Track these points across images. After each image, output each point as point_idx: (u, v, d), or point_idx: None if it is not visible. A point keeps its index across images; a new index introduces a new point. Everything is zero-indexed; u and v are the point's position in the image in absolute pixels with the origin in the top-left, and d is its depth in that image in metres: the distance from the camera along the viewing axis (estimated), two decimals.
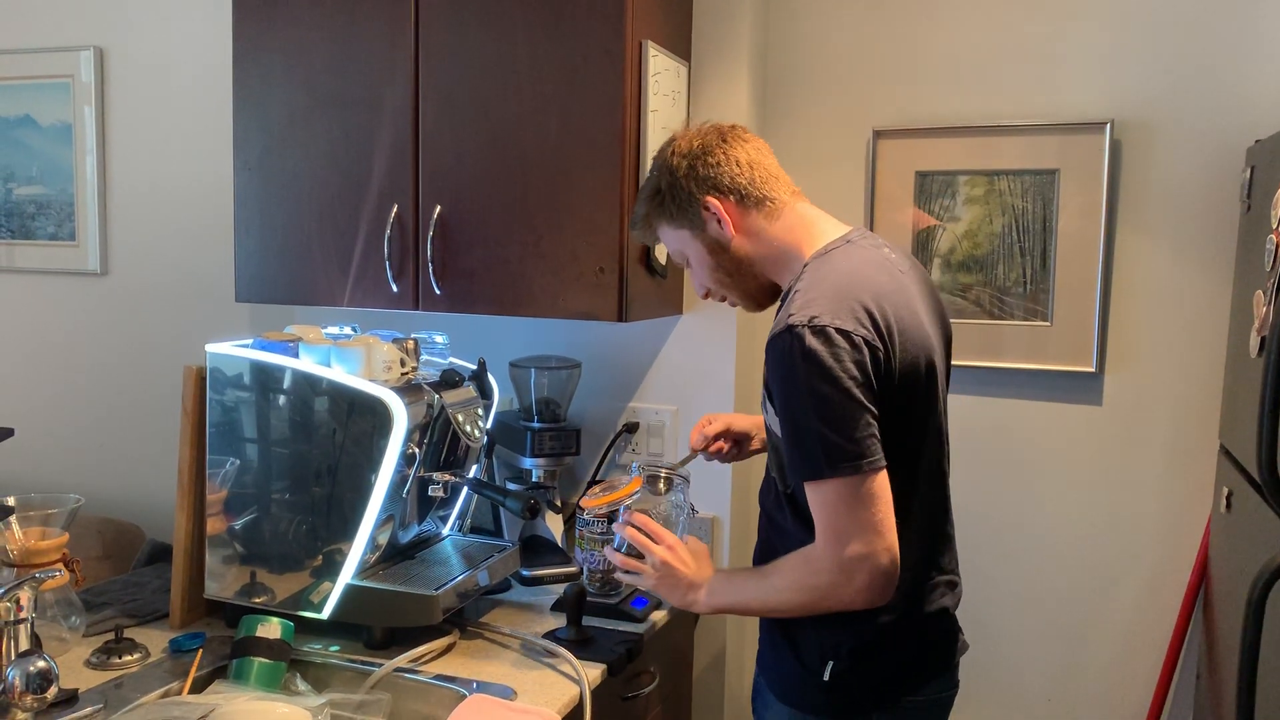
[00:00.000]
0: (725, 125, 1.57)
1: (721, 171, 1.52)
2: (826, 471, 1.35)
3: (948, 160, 2.23)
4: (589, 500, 1.70)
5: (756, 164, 1.53)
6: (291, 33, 2.15)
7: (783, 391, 1.39)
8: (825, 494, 1.36)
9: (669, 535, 1.59)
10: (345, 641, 1.81)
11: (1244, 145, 2.01)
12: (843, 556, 1.36)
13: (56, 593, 1.72)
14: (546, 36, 1.97)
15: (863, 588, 1.36)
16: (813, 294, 1.40)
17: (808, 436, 1.35)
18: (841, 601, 1.39)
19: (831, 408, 1.33)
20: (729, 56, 2.23)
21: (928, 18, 2.24)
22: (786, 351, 1.36)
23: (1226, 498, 1.85)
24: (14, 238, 2.94)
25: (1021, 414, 2.24)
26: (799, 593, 1.42)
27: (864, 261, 1.48)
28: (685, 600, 1.56)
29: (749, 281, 1.58)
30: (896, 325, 1.41)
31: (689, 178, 1.53)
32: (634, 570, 1.60)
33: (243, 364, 1.83)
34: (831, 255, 1.48)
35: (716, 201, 1.52)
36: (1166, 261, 2.12)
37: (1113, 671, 2.21)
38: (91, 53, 2.79)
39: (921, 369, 1.44)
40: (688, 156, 1.53)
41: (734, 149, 1.53)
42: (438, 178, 2.07)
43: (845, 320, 1.35)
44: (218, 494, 1.86)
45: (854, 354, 1.34)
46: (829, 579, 1.38)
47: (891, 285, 1.45)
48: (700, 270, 1.59)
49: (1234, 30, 2.04)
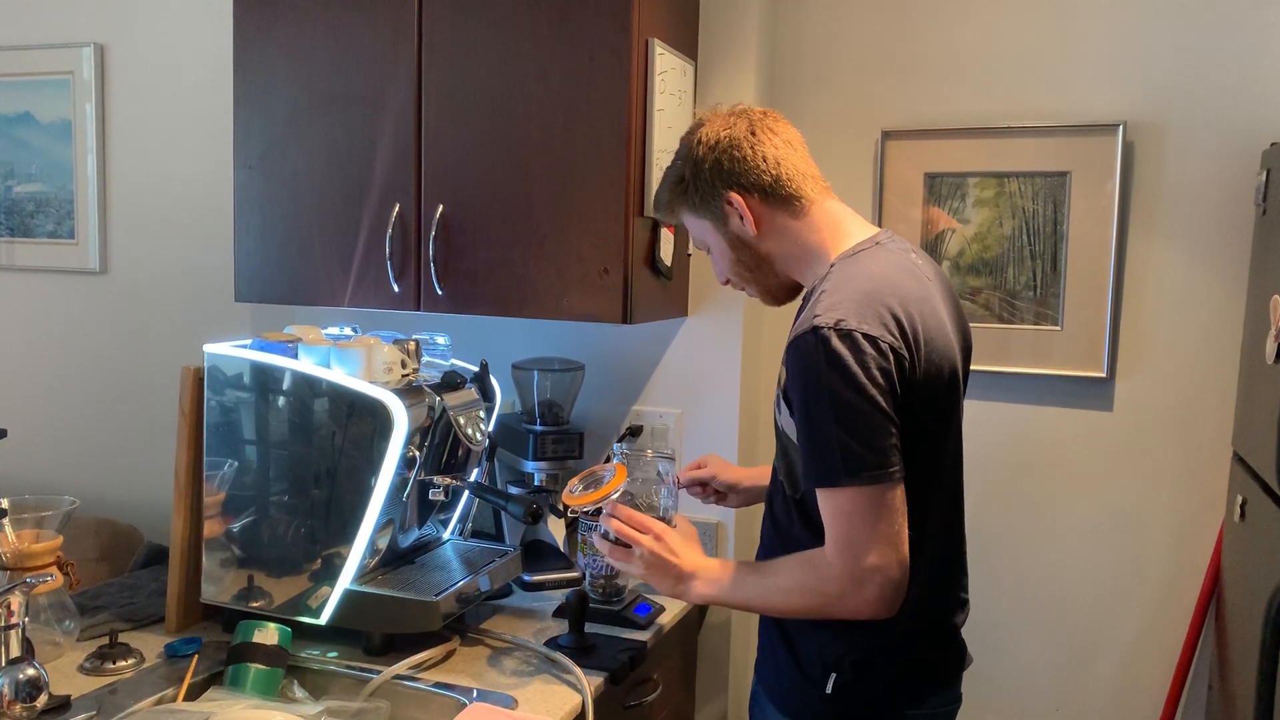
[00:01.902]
0: (756, 113, 1.51)
1: (747, 168, 1.46)
2: (845, 479, 1.32)
3: (957, 162, 2.20)
4: (572, 498, 1.63)
5: (784, 160, 1.47)
6: (293, 30, 2.13)
7: (803, 395, 1.35)
8: (841, 502, 1.34)
9: (655, 524, 1.55)
10: (343, 648, 1.78)
11: (1259, 147, 1.98)
12: (855, 567, 1.33)
13: (50, 596, 1.70)
14: (551, 34, 1.94)
15: (872, 599, 1.34)
16: (839, 296, 1.36)
17: (827, 443, 1.32)
18: (847, 610, 1.36)
19: (853, 414, 1.30)
20: (736, 56, 2.20)
21: (937, 18, 2.22)
22: (810, 354, 1.32)
23: (1240, 506, 1.82)
24: (13, 235, 2.92)
25: (1031, 419, 2.21)
26: (802, 596, 1.40)
27: (892, 266, 1.43)
28: (675, 590, 1.53)
29: (770, 278, 1.54)
30: (923, 333, 1.37)
31: (714, 171, 1.48)
32: (622, 561, 1.56)
33: (241, 365, 1.80)
34: (859, 257, 1.44)
35: (739, 198, 1.47)
36: (1179, 265, 2.09)
37: (1122, 681, 2.18)
38: (92, 49, 2.77)
39: (945, 379, 1.41)
40: (714, 149, 1.48)
41: (762, 143, 1.47)
42: (440, 177, 2.04)
43: (872, 325, 1.32)
44: (215, 496, 1.83)
45: (879, 360, 1.31)
46: (838, 587, 1.35)
47: (919, 292, 1.42)
48: (721, 261, 1.56)
49: (1248, 31, 2.01)
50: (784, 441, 1.49)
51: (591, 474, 1.65)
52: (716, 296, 2.24)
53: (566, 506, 1.63)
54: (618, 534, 1.55)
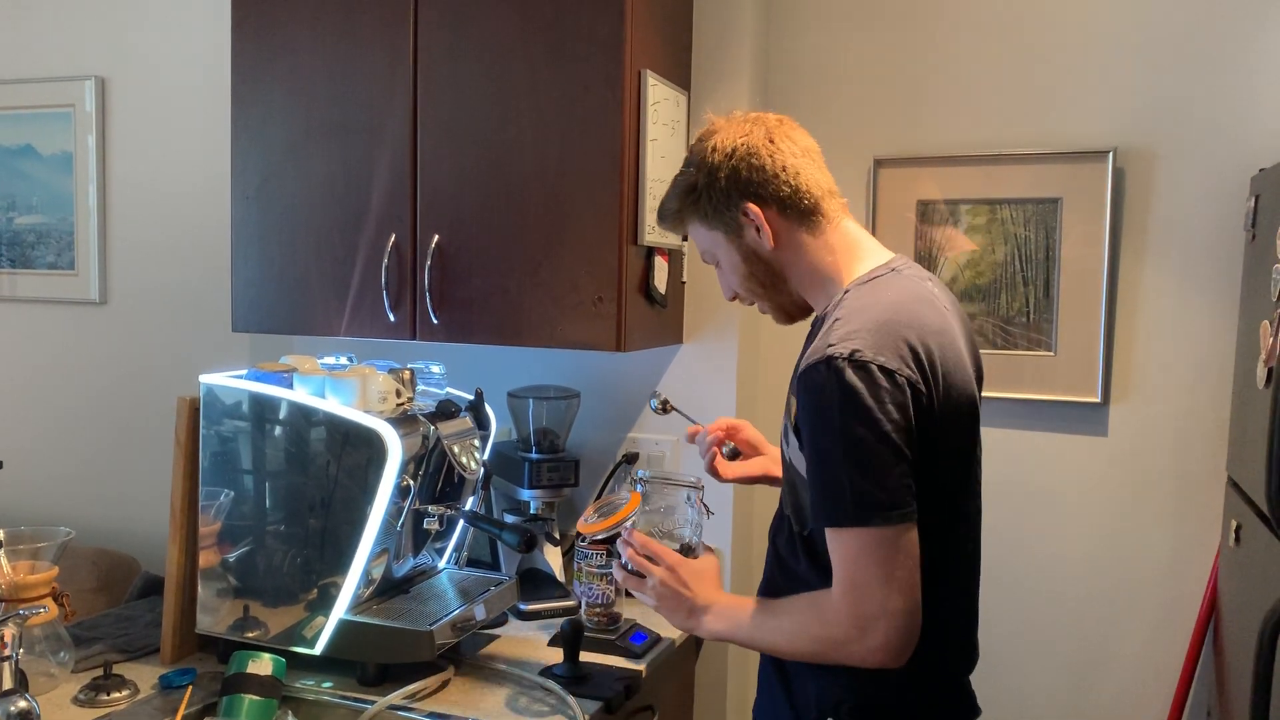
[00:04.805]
0: (772, 119, 1.44)
1: (766, 176, 1.39)
2: (854, 519, 1.24)
3: (949, 189, 2.22)
4: (586, 525, 1.62)
5: (804, 171, 1.40)
6: (291, 62, 2.15)
7: (813, 428, 1.28)
8: (849, 543, 1.26)
9: (671, 555, 1.49)
10: (338, 678, 1.77)
11: (1248, 174, 2.00)
12: (861, 612, 1.25)
13: (45, 628, 1.69)
14: (545, 65, 1.97)
15: (877, 647, 1.25)
16: (855, 325, 1.28)
17: (836, 480, 1.25)
18: (852, 658, 1.28)
19: (865, 451, 1.23)
20: (728, 86, 2.22)
21: (928, 47, 2.24)
22: (823, 385, 1.25)
23: (1235, 530, 1.82)
24: (14, 267, 2.94)
25: (1026, 445, 2.21)
26: (806, 641, 1.33)
27: (910, 295, 1.36)
28: (685, 624, 1.47)
29: (783, 295, 1.46)
30: (941, 366, 1.30)
31: (730, 180, 1.40)
32: (636, 589, 1.52)
33: (237, 394, 1.81)
34: (875, 284, 1.37)
35: (757, 209, 1.39)
36: (1171, 291, 2.10)
37: (1122, 706, 2.17)
38: (93, 82, 2.80)
39: (964, 413, 1.35)
40: (730, 156, 1.39)
41: (782, 152, 1.40)
42: (436, 207, 2.06)
43: (889, 357, 1.25)
44: (210, 526, 1.83)
45: (895, 394, 1.23)
46: (842, 633, 1.27)
47: (938, 323, 1.34)
48: (731, 275, 1.48)
49: (1237, 58, 2.03)
50: (791, 475, 1.42)
51: (607, 502, 1.64)
52: (711, 324, 2.25)
53: (580, 534, 1.61)
54: (631, 561, 1.51)
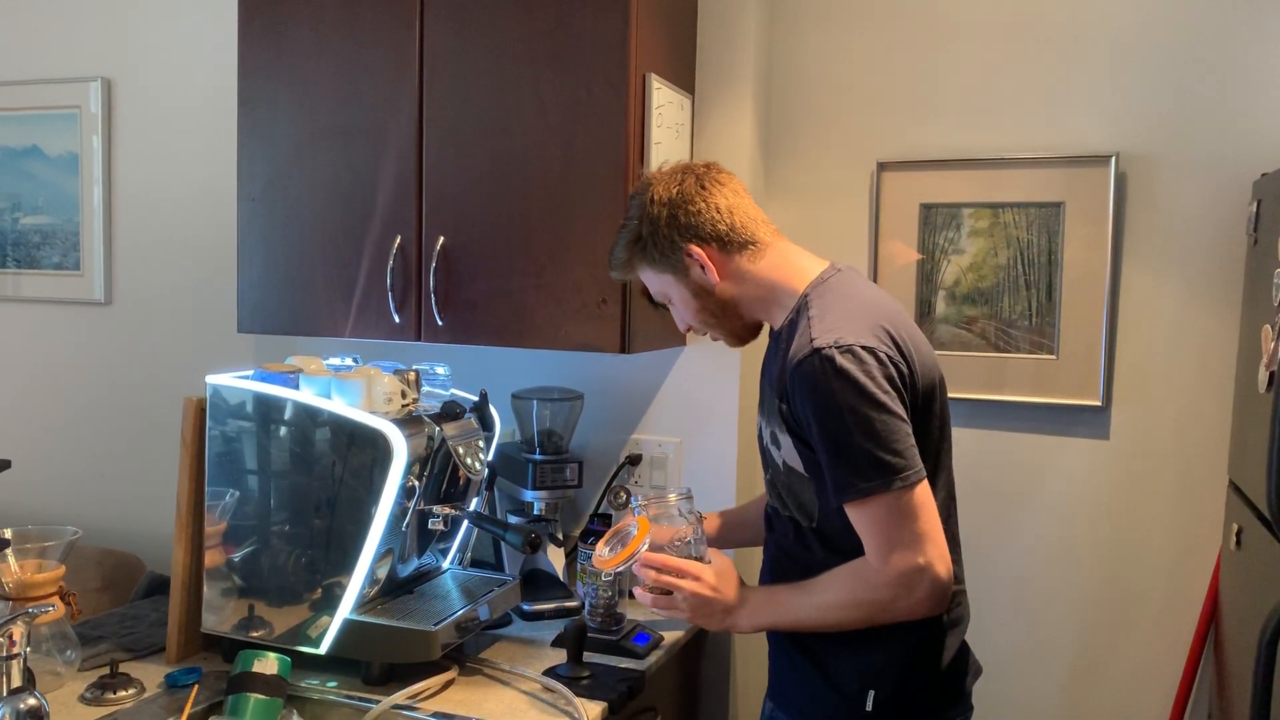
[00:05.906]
0: (699, 167, 1.58)
1: (703, 219, 1.53)
2: (878, 487, 1.36)
3: (952, 193, 2.22)
4: (604, 561, 1.62)
5: (736, 208, 1.54)
6: (297, 64, 2.16)
7: (819, 415, 1.39)
8: (877, 510, 1.38)
9: (692, 566, 1.55)
10: (343, 677, 1.78)
11: (1250, 178, 2.00)
12: (902, 569, 1.37)
13: (52, 626, 1.70)
14: (550, 69, 1.97)
15: (924, 598, 1.38)
16: (830, 319, 1.42)
17: (852, 457, 1.36)
18: (901, 613, 1.40)
19: (873, 424, 1.35)
20: (733, 90, 2.23)
21: (932, 51, 2.25)
22: (817, 375, 1.37)
23: (1236, 534, 1.83)
24: (20, 267, 2.95)
25: (1027, 448, 2.22)
26: (854, 608, 1.43)
27: (869, 289, 1.56)
28: (724, 625, 1.56)
29: (734, 321, 1.61)
30: (911, 345, 1.46)
31: (670, 226, 1.54)
32: (668, 609, 1.57)
33: (242, 395, 1.82)
34: (831, 284, 1.52)
35: (699, 249, 1.53)
36: (1173, 294, 2.11)
37: (1123, 709, 2.17)
38: (99, 84, 2.81)
39: (936, 385, 1.51)
40: (668, 205, 1.54)
41: (713, 194, 1.54)
42: (441, 209, 2.07)
43: (868, 339, 1.39)
44: (216, 526, 1.84)
45: (883, 369, 1.38)
46: (890, 593, 1.39)
47: (895, 306, 1.53)
48: (685, 310, 1.62)
49: (1240, 63, 2.04)
50: (788, 477, 1.52)
51: (617, 533, 1.63)
52: None
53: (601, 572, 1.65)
54: (657, 583, 1.55)
